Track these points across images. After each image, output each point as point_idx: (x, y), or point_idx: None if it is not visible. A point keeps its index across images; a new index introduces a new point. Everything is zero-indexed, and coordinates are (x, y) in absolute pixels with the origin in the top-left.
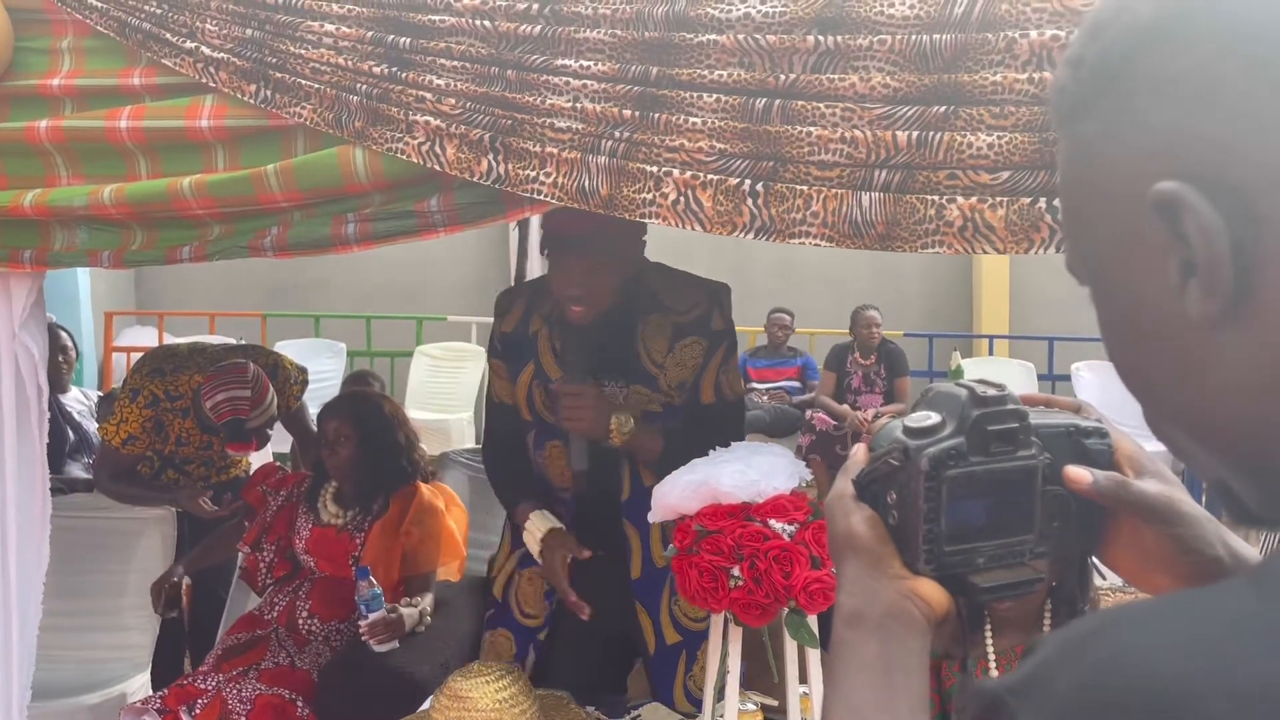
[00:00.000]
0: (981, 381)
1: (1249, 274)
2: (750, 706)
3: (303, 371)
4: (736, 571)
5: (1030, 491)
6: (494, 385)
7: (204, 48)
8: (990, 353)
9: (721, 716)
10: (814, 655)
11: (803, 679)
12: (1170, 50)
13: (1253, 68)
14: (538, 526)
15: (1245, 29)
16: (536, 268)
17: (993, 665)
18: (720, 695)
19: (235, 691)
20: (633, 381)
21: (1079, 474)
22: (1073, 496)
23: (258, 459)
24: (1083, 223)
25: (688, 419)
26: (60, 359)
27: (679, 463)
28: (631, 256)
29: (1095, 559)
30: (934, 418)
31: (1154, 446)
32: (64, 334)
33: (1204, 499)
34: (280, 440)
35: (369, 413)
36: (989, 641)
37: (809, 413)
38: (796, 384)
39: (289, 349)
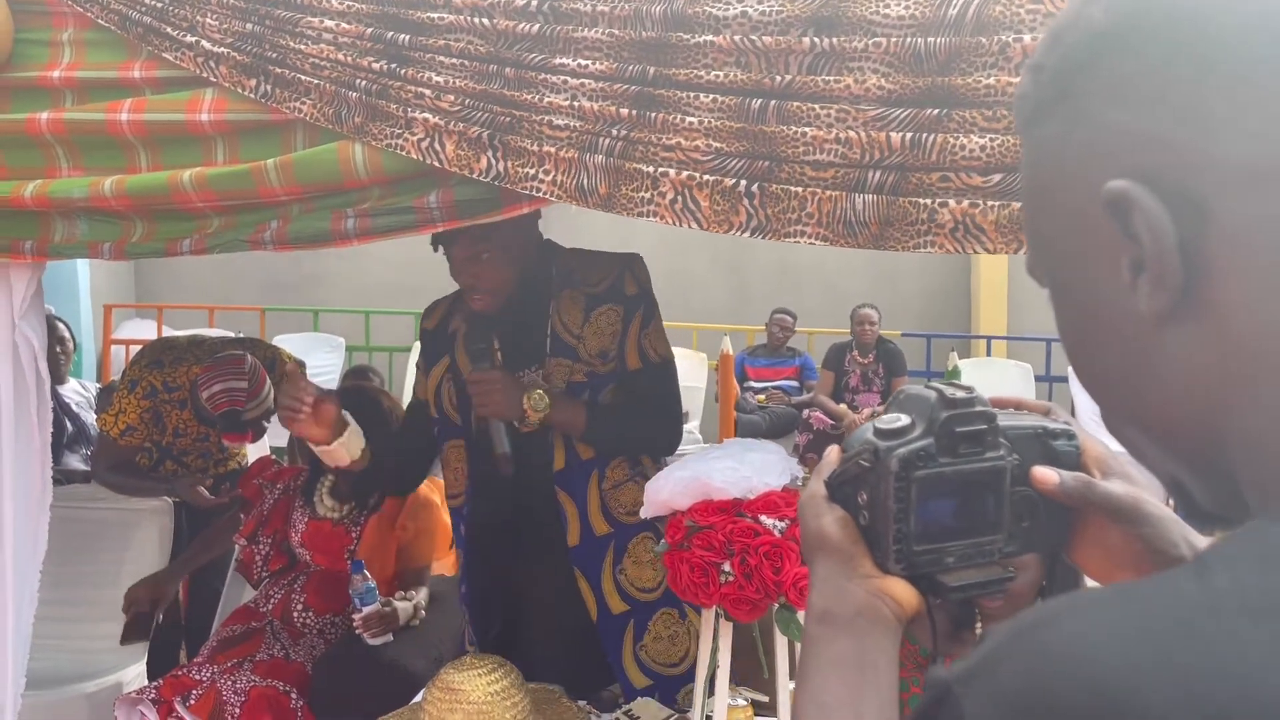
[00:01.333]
0: (951, 384)
1: (1197, 271)
2: (741, 702)
3: (300, 365)
4: (727, 567)
5: (999, 492)
6: (416, 384)
7: (204, 42)
8: (988, 354)
9: (712, 712)
10: None
11: (793, 674)
12: (1123, 54)
13: (1202, 70)
14: None
15: (1195, 32)
16: None
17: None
18: (711, 690)
19: (230, 683)
20: (553, 355)
21: (1046, 475)
22: (1041, 497)
23: (255, 452)
24: (1041, 225)
25: (622, 388)
26: (58, 350)
27: (615, 432)
28: (522, 238)
29: (1064, 558)
30: (904, 419)
31: None
32: (61, 325)
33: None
34: (278, 434)
35: (366, 407)
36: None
37: (806, 412)
38: (794, 384)
39: (288, 343)
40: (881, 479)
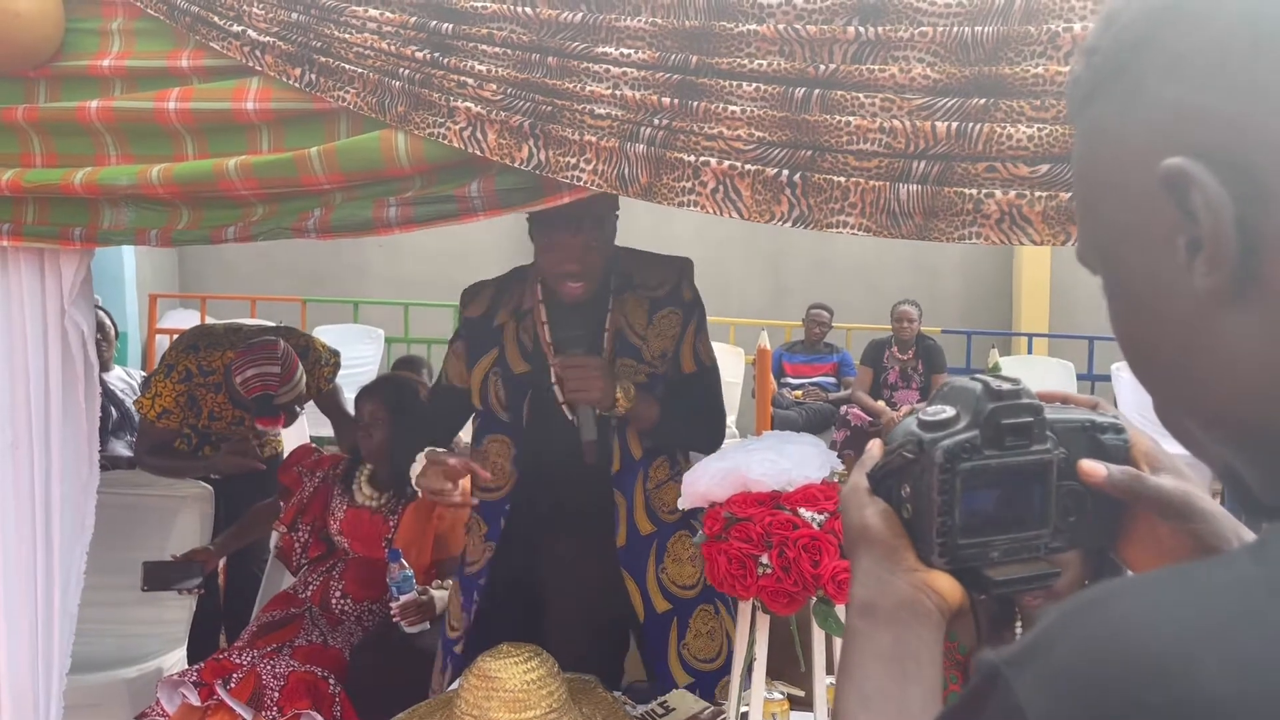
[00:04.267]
0: (997, 376)
1: (1255, 250)
2: (777, 695)
3: (334, 354)
4: (765, 559)
5: (1045, 486)
6: (448, 367)
7: (250, 31)
8: (1029, 351)
9: (748, 705)
10: (841, 645)
11: (830, 669)
12: (1179, 31)
13: (1261, 45)
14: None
15: (1254, 7)
16: None
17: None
18: (747, 684)
19: (269, 667)
20: (619, 355)
21: (1094, 468)
22: (1088, 491)
23: (292, 439)
24: (1094, 208)
25: (673, 389)
26: (99, 337)
27: (675, 428)
28: (611, 233)
29: (1111, 555)
30: (949, 411)
31: (1177, 449)
32: (101, 313)
33: (1222, 499)
34: (319, 423)
35: (404, 397)
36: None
37: (844, 408)
38: (832, 380)
39: (328, 334)
40: (926, 471)
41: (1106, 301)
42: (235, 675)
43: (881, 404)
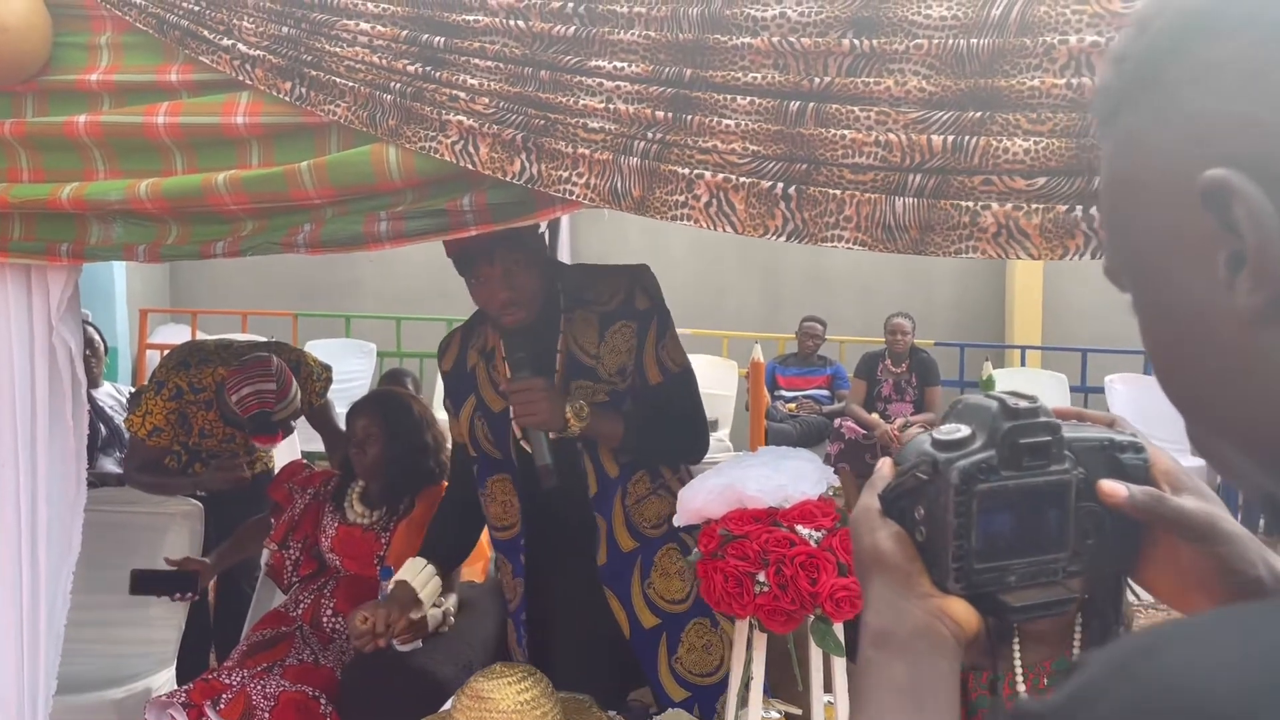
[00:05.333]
0: (1013, 393)
1: None
2: (774, 715)
3: (326, 369)
4: (762, 577)
5: (1064, 507)
6: (451, 429)
7: (240, 45)
8: (1022, 364)
9: None
10: (839, 664)
11: (827, 688)
12: (1215, 38)
13: None
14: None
15: None
16: None
17: (1020, 680)
18: (743, 703)
19: (259, 687)
20: (573, 377)
21: (1114, 488)
22: (1108, 512)
23: (283, 455)
24: (1124, 223)
25: (641, 403)
26: (87, 354)
27: (650, 441)
28: (537, 253)
29: (1131, 580)
30: (964, 430)
31: (1190, 462)
32: (90, 329)
33: (1240, 515)
34: (309, 439)
35: (397, 412)
36: (1016, 656)
37: (838, 421)
38: (826, 393)
39: (320, 349)
40: (941, 493)
41: (1137, 319)
42: (225, 695)
43: (875, 416)
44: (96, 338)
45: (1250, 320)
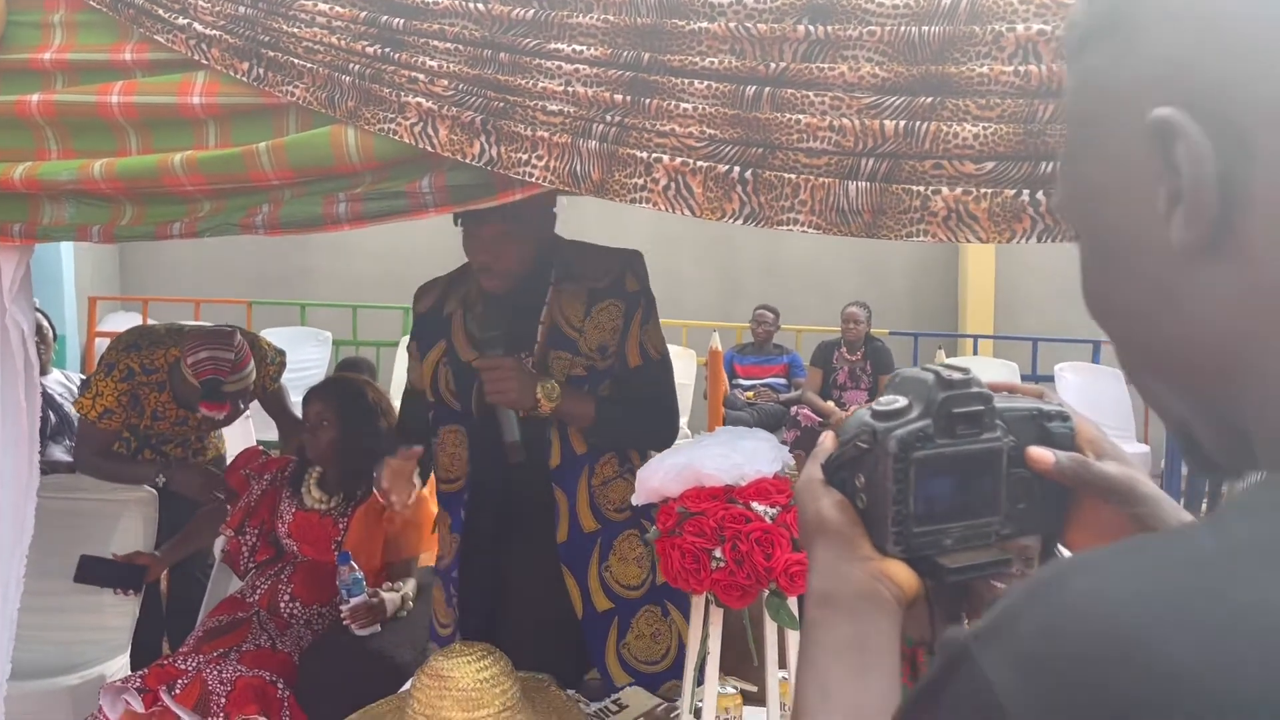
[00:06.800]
0: (947, 365)
1: (1234, 207)
2: (730, 690)
3: (280, 354)
4: (718, 553)
5: (996, 473)
6: (410, 371)
7: (196, 24)
8: (975, 352)
9: (701, 700)
10: (794, 638)
11: (782, 663)
12: None
13: (1256, 6)
14: None
15: None
16: None
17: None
18: (700, 679)
19: (216, 673)
20: (553, 347)
21: (1042, 455)
22: (1036, 479)
23: (239, 443)
24: (1078, 157)
25: (620, 384)
26: (36, 340)
27: (619, 427)
28: (541, 225)
29: (1060, 543)
30: (901, 401)
31: (1135, 449)
32: (38, 315)
33: (1182, 500)
34: (266, 428)
35: (352, 398)
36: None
37: (794, 409)
38: (783, 381)
39: (275, 337)
40: (880, 461)
41: (1080, 251)
42: (180, 681)
43: (831, 404)
44: (44, 324)
45: (1181, 254)
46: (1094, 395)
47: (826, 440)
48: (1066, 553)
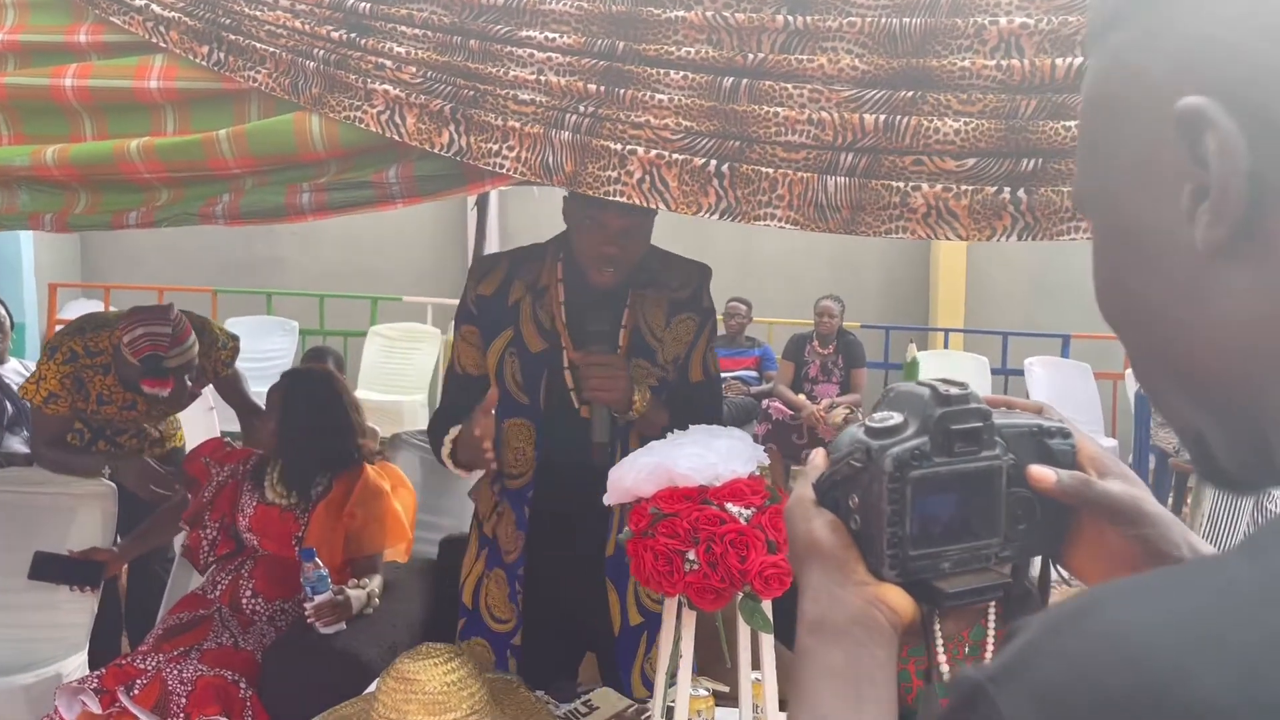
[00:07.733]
0: (944, 380)
1: (1263, 206)
2: (702, 692)
3: (233, 338)
4: (692, 555)
5: (995, 492)
6: (460, 354)
7: (154, 6)
8: (945, 346)
9: (673, 702)
10: (767, 640)
11: (755, 665)
12: None
13: None
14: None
15: None
16: (495, 249)
17: (940, 653)
18: (672, 681)
19: (176, 672)
20: (635, 355)
21: (1043, 473)
22: (1037, 497)
23: (200, 434)
24: (1099, 144)
25: (679, 397)
26: None
27: None
28: (651, 225)
29: (1059, 564)
30: (896, 418)
31: (1106, 443)
32: None
33: (1168, 502)
34: (228, 418)
35: (308, 386)
36: (936, 628)
37: (765, 402)
38: (754, 374)
39: (240, 326)
40: (875, 480)
41: (1094, 244)
42: (139, 681)
43: (802, 397)
44: (2, 312)
45: (1205, 253)
46: (1063, 389)
47: (818, 458)
48: (1066, 575)
